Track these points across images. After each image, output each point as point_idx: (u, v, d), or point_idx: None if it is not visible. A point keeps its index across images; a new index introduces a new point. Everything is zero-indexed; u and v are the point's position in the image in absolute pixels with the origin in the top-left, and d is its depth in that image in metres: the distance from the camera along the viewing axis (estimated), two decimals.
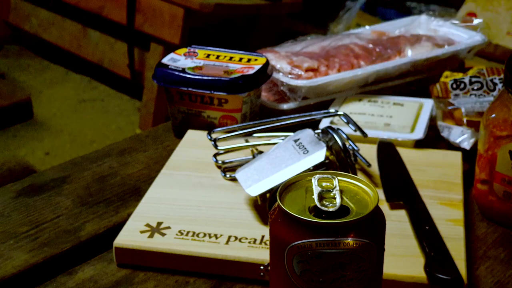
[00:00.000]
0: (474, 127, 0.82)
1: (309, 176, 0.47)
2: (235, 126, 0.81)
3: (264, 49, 0.97)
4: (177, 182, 0.74)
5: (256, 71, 0.85)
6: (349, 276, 0.44)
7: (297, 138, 0.71)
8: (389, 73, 0.94)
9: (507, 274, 0.63)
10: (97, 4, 2.46)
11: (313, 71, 0.91)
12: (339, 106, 0.91)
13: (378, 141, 0.81)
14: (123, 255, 0.64)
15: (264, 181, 0.67)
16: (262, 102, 0.89)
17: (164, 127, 0.91)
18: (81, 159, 0.82)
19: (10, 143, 2.31)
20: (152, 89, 2.27)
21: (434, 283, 0.59)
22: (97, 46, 2.53)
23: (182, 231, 0.65)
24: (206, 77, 0.83)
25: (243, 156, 0.77)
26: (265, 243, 0.63)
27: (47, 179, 0.78)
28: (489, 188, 0.70)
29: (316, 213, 0.44)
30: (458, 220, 0.68)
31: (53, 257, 0.65)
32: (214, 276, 0.62)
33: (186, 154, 0.79)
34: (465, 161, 0.79)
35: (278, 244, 0.45)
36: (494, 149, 0.68)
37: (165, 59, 0.87)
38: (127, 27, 2.32)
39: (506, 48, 1.05)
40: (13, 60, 2.90)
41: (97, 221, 0.70)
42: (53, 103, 2.59)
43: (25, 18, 2.79)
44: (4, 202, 0.73)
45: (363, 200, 0.46)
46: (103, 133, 2.40)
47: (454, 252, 0.61)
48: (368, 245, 0.44)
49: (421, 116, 0.87)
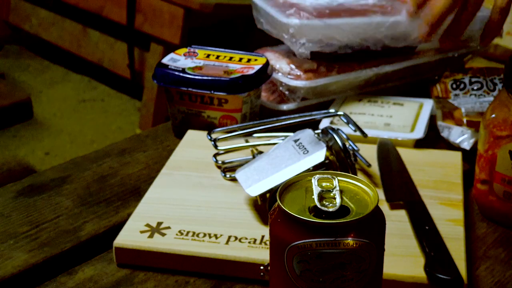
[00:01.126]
0: (474, 127, 0.82)
1: (309, 176, 0.47)
2: (235, 126, 0.81)
3: (264, 49, 0.97)
4: (177, 182, 0.74)
5: (256, 71, 0.85)
6: (349, 276, 0.44)
7: (297, 138, 0.71)
8: (389, 75, 0.94)
9: (507, 274, 0.63)
10: (97, 4, 2.46)
11: (312, 71, 0.91)
12: (339, 106, 0.91)
13: (378, 141, 0.81)
14: (123, 255, 0.64)
15: (264, 181, 0.67)
16: (262, 102, 0.89)
17: (164, 127, 0.91)
18: (81, 159, 0.82)
19: (10, 143, 2.31)
20: (152, 89, 2.27)
21: (434, 283, 0.59)
22: (97, 46, 2.53)
23: (182, 231, 0.65)
24: (206, 77, 0.83)
25: (243, 156, 0.77)
26: (265, 243, 0.63)
27: (47, 179, 0.78)
28: (489, 188, 0.70)
29: (316, 213, 0.44)
30: (458, 220, 0.68)
31: (53, 257, 0.65)
32: (214, 276, 0.62)
33: (186, 154, 0.79)
34: (465, 161, 0.79)
35: (278, 244, 0.45)
36: (494, 149, 0.68)
37: (165, 59, 0.87)
38: (127, 27, 2.32)
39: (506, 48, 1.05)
40: (13, 60, 2.90)
41: (97, 221, 0.70)
42: (53, 103, 2.59)
43: (25, 18, 2.80)
44: (4, 202, 0.73)
45: (363, 200, 0.46)
46: (103, 133, 2.40)
47: (454, 252, 0.61)
48: (368, 245, 0.44)
49: (421, 116, 0.87)
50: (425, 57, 0.97)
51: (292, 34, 0.87)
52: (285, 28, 0.87)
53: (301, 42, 0.87)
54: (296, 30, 0.87)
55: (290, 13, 0.88)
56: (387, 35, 0.91)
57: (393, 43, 0.92)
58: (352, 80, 0.92)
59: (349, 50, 0.90)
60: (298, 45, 0.87)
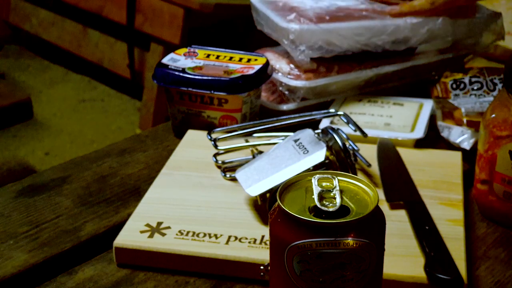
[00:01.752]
0: (474, 127, 0.82)
1: (309, 176, 0.47)
2: (235, 126, 0.81)
3: (264, 49, 0.97)
4: (177, 182, 0.74)
5: (256, 71, 0.85)
6: (349, 276, 0.44)
7: (297, 138, 0.71)
8: (389, 75, 0.94)
9: (507, 274, 0.63)
10: (97, 4, 2.46)
11: (312, 71, 0.91)
12: (339, 106, 0.91)
13: (378, 141, 0.81)
14: (123, 255, 0.64)
15: (264, 181, 0.67)
16: (262, 102, 0.89)
17: (164, 127, 0.91)
18: (81, 159, 0.82)
19: (10, 143, 2.31)
20: (152, 89, 2.27)
21: (434, 283, 0.59)
22: (97, 46, 2.53)
23: (182, 231, 0.65)
24: (206, 77, 0.83)
25: (243, 156, 0.77)
26: (265, 243, 0.63)
27: (47, 179, 0.78)
28: (489, 188, 0.70)
29: (316, 213, 0.44)
30: (458, 220, 0.68)
31: (53, 257, 0.65)
32: (214, 276, 0.62)
33: (186, 154, 0.80)
34: (465, 161, 0.79)
35: (278, 244, 0.45)
36: (494, 149, 0.68)
37: (165, 59, 0.87)
38: (127, 27, 2.32)
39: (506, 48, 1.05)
40: (13, 60, 2.90)
41: (97, 221, 0.70)
42: (53, 103, 2.59)
43: (25, 18, 2.79)
44: (4, 202, 0.73)
45: (363, 200, 0.46)
46: (103, 133, 2.40)
47: (454, 252, 0.61)
48: (368, 245, 0.44)
49: (421, 115, 0.87)
50: (425, 57, 0.97)
51: (292, 40, 0.87)
52: (285, 33, 0.87)
53: (301, 49, 0.87)
54: (296, 36, 0.87)
55: (291, 19, 0.88)
56: (388, 40, 0.91)
57: (394, 47, 0.92)
58: (352, 80, 0.92)
59: (349, 53, 0.90)
60: (298, 52, 0.87)
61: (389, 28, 0.90)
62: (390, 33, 0.90)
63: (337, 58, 0.91)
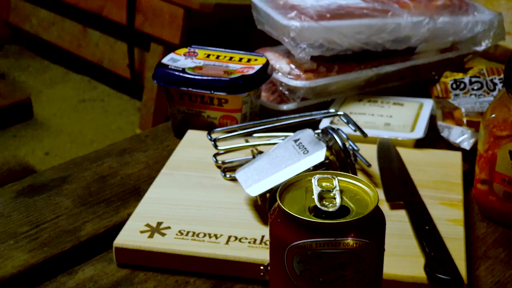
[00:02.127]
0: (474, 127, 0.82)
1: (309, 176, 0.47)
2: (235, 126, 0.81)
3: (264, 49, 0.97)
4: (177, 182, 0.74)
5: (256, 71, 0.85)
6: (349, 276, 0.44)
7: (297, 138, 0.71)
8: (389, 75, 0.94)
9: (507, 274, 0.63)
10: (97, 4, 2.46)
11: (312, 71, 0.91)
12: (339, 106, 0.91)
13: (378, 141, 0.81)
14: (123, 255, 0.64)
15: (264, 181, 0.67)
16: (262, 102, 0.89)
17: (164, 127, 0.91)
18: (81, 159, 0.82)
19: (10, 143, 2.31)
20: (152, 89, 2.27)
21: (434, 283, 0.59)
22: (97, 46, 2.53)
23: (182, 231, 0.65)
24: (206, 77, 0.83)
25: (243, 156, 0.77)
26: (265, 243, 0.63)
27: (47, 179, 0.78)
28: (489, 188, 0.70)
29: (316, 213, 0.44)
30: (458, 220, 0.68)
31: (53, 257, 0.65)
32: (214, 276, 0.62)
33: (186, 154, 0.79)
34: (465, 161, 0.79)
35: (278, 244, 0.45)
36: (494, 149, 0.68)
37: (165, 59, 0.87)
38: (127, 27, 2.32)
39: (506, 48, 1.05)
40: (13, 60, 2.90)
41: (97, 221, 0.70)
42: (53, 103, 2.59)
43: (25, 18, 2.79)
44: (4, 202, 0.73)
45: (363, 200, 0.46)
46: (103, 133, 2.40)
47: (454, 252, 0.61)
48: (368, 245, 0.44)
49: (421, 115, 0.87)
50: (425, 57, 0.97)
51: (292, 37, 0.87)
52: (286, 30, 0.87)
53: (302, 47, 0.87)
54: (297, 33, 0.87)
55: (291, 17, 0.88)
56: (389, 39, 0.91)
57: (394, 46, 0.92)
58: (352, 80, 0.92)
59: (349, 51, 0.90)
60: (299, 49, 0.87)
61: (390, 26, 0.90)
62: (390, 31, 0.90)
63: (337, 58, 0.91)
